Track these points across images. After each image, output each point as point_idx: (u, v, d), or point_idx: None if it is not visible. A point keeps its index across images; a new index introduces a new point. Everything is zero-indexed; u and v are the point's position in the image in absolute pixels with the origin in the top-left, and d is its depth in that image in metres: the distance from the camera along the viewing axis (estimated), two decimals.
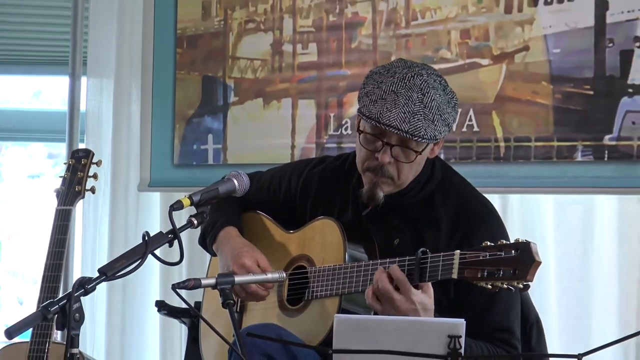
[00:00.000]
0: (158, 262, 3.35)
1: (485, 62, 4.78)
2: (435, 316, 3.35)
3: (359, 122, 3.61)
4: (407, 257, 3.35)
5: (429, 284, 3.33)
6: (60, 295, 3.32)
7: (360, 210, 3.73)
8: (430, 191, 3.69)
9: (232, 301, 3.32)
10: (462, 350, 2.86)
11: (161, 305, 4.69)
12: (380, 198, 3.62)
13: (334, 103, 5.05)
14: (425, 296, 3.31)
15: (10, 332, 3.07)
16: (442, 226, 3.62)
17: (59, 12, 5.91)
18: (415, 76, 3.50)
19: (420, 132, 3.45)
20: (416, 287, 3.31)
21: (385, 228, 3.67)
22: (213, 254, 4.00)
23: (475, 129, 4.76)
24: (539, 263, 3.15)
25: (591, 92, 4.60)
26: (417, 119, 3.45)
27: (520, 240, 3.18)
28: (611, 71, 4.56)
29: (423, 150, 3.56)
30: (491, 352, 3.47)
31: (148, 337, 5.69)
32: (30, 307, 7.08)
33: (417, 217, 3.66)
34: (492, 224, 3.67)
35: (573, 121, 4.62)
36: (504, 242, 3.19)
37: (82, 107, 5.68)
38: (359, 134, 3.60)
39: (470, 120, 4.76)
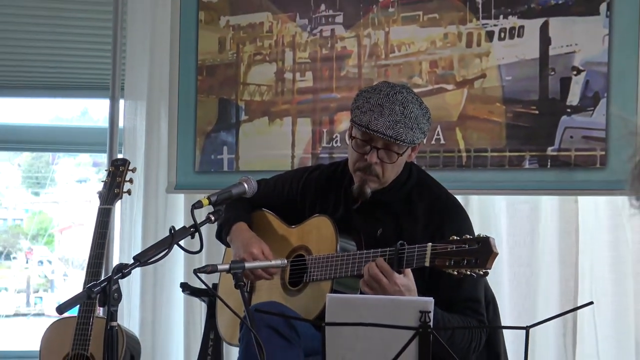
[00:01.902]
0: (182, 251, 3.33)
1: (450, 87, 4.77)
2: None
3: (351, 130, 3.65)
4: (388, 249, 3.36)
5: (409, 270, 3.34)
6: (102, 278, 3.29)
7: (351, 205, 3.73)
8: (408, 189, 3.71)
9: (242, 283, 3.31)
10: (431, 323, 2.85)
11: (185, 287, 4.67)
12: (368, 193, 3.65)
13: (327, 121, 5.04)
14: (406, 279, 3.33)
15: (61, 308, 3.05)
16: (418, 218, 3.63)
17: (102, 46, 5.89)
18: (397, 93, 3.54)
19: (401, 137, 3.48)
20: (399, 272, 3.32)
21: (371, 220, 3.68)
22: (227, 246, 3.99)
23: (442, 141, 4.75)
24: (496, 254, 3.17)
25: (537, 112, 4.58)
26: (399, 127, 3.48)
27: (481, 236, 3.21)
28: (553, 95, 4.54)
29: (404, 152, 3.60)
30: (461, 321, 3.47)
31: (174, 313, 5.66)
32: (76, 288, 7.05)
33: (398, 211, 3.67)
34: (460, 217, 3.69)
35: (522, 135, 4.61)
36: (468, 236, 3.21)
37: (121, 124, 5.66)
38: (351, 140, 3.65)
39: (438, 134, 4.75)
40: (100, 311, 4.42)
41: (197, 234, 3.24)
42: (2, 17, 6.06)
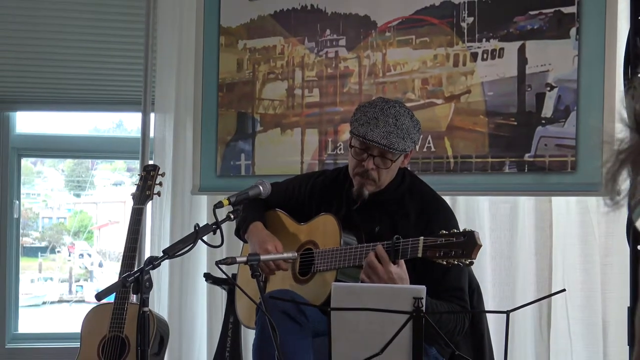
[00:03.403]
0: (205, 245, 3.33)
1: (439, 101, 4.76)
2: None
3: (351, 140, 3.65)
4: (385, 242, 3.36)
5: (402, 261, 3.34)
6: (135, 269, 3.29)
7: (351, 205, 3.73)
8: (402, 191, 3.71)
9: (258, 273, 3.31)
10: (424, 308, 2.85)
11: (208, 276, 4.68)
12: (365, 195, 3.66)
13: (331, 131, 5.03)
14: (400, 269, 3.33)
15: (99, 296, 3.07)
16: (410, 217, 3.63)
17: (134, 66, 5.90)
18: (391, 107, 3.55)
19: (394, 146, 3.49)
20: (394, 263, 3.32)
21: (369, 218, 3.68)
22: (245, 242, 3.99)
23: (433, 149, 4.74)
24: (480, 246, 3.17)
25: (515, 123, 4.57)
26: (392, 137, 3.49)
27: (467, 230, 3.20)
28: (529, 108, 4.54)
29: (396, 159, 3.61)
30: (447, 307, 3.48)
31: (198, 299, 5.66)
32: (113, 277, 7.06)
33: (392, 210, 3.67)
34: (446, 215, 3.70)
35: (502, 144, 4.60)
36: (455, 230, 3.21)
37: (151, 134, 5.67)
38: (351, 148, 3.67)
39: (429, 143, 4.74)
40: (133, 298, 4.42)
41: (218, 230, 3.25)
42: (50, 42, 6.09)
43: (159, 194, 4.63)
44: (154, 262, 3.10)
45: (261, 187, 3.60)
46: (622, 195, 1.43)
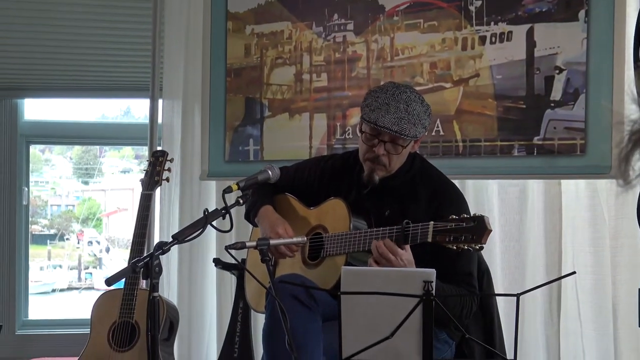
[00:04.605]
0: (215, 230, 3.34)
1: (448, 85, 4.75)
2: (417, 267, 3.35)
3: (361, 125, 3.66)
4: (395, 227, 3.36)
5: (408, 246, 3.34)
6: (145, 254, 3.30)
7: (362, 190, 3.73)
8: (412, 175, 3.71)
9: (268, 258, 3.32)
10: (433, 291, 2.85)
11: (217, 262, 4.68)
12: (376, 180, 3.67)
13: (340, 116, 5.03)
14: (408, 254, 3.34)
15: (109, 281, 3.07)
16: (420, 201, 3.63)
17: (142, 52, 5.90)
18: (402, 93, 3.54)
19: (405, 132, 3.49)
20: (400, 248, 3.33)
21: (380, 202, 3.68)
22: (255, 226, 3.99)
23: (441, 133, 4.74)
24: (490, 231, 3.17)
25: (524, 106, 4.57)
26: (403, 123, 3.49)
27: (477, 215, 3.20)
28: (538, 91, 4.53)
29: (407, 145, 3.61)
30: (455, 291, 3.48)
31: (208, 285, 5.67)
32: (122, 264, 7.07)
33: (403, 194, 3.67)
34: (457, 199, 3.70)
35: (511, 127, 4.60)
36: (466, 215, 3.21)
37: (160, 120, 5.66)
38: (361, 134, 3.66)
39: (438, 127, 4.74)
40: (143, 283, 4.43)
41: (227, 215, 3.26)
42: (58, 29, 6.09)
43: (167, 179, 4.63)
44: (163, 247, 3.10)
45: (270, 172, 3.60)
46: (635, 175, 1.42)
